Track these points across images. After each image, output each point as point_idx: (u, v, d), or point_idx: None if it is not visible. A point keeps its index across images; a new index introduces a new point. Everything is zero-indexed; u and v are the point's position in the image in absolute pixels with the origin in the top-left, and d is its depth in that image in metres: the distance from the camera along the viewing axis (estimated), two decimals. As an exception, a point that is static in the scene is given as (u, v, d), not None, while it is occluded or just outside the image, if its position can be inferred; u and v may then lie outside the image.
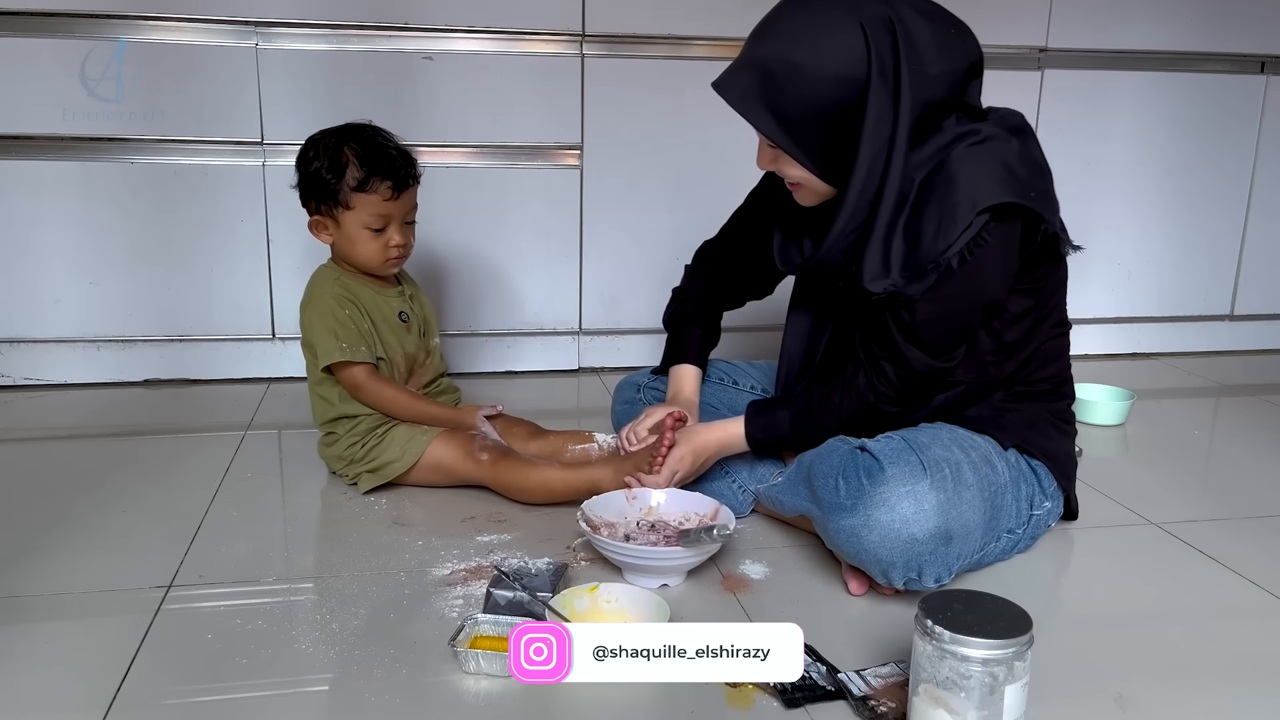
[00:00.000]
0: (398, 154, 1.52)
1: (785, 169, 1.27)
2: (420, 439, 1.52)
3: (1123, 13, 2.31)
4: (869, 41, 1.15)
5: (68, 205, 1.99)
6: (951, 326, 1.24)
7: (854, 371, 1.31)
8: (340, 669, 1.08)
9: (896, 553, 1.16)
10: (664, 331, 1.60)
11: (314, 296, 1.55)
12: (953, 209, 1.17)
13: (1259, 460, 1.80)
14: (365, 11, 2.00)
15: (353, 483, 1.55)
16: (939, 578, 1.19)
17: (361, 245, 1.53)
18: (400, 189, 1.51)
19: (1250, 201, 2.51)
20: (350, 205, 1.50)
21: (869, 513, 1.16)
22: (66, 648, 1.11)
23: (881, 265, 1.21)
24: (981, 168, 1.18)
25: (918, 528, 1.15)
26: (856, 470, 1.19)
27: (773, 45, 1.18)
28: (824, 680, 1.05)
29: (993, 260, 1.20)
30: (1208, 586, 1.32)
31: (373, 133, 1.53)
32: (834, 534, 1.21)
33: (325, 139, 1.52)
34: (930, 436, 1.23)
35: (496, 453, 1.51)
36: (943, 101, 1.20)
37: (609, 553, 1.27)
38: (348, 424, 1.54)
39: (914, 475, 1.16)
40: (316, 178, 1.50)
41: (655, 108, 2.14)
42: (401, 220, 1.54)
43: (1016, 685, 0.90)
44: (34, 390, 2.04)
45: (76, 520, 1.42)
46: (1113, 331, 2.51)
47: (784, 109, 1.19)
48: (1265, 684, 1.10)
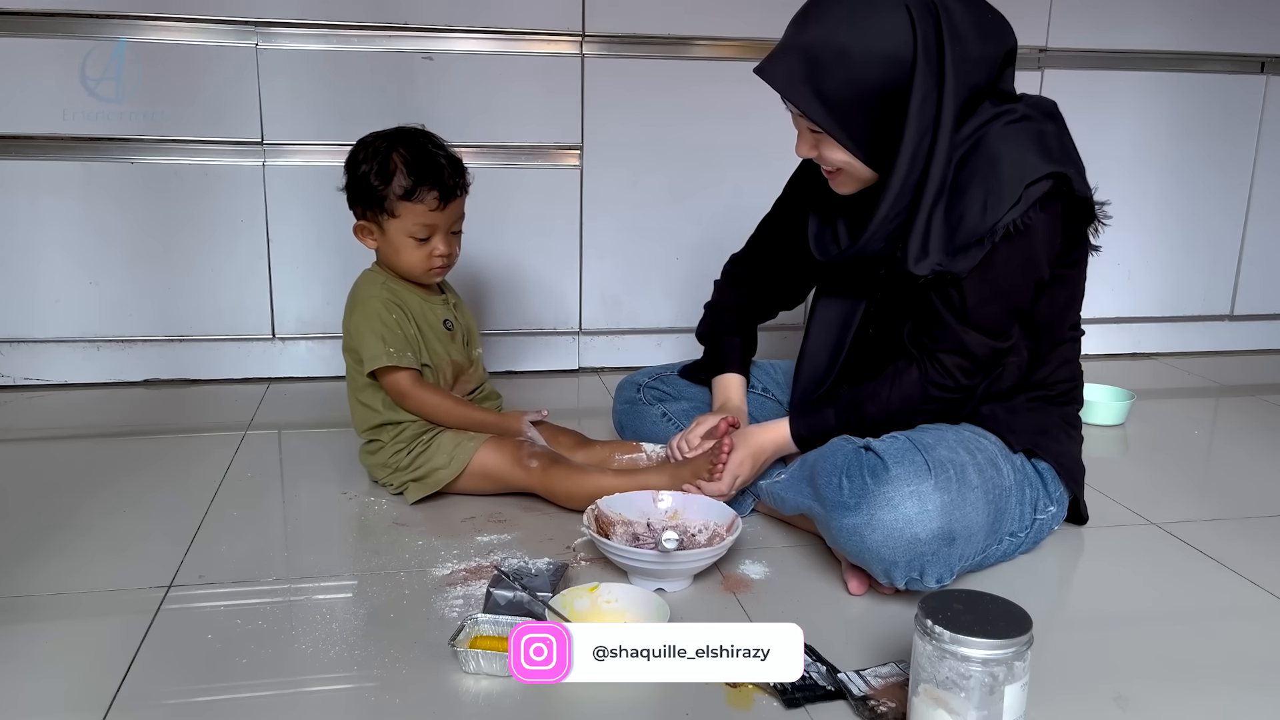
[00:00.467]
0: (447, 162, 1.48)
1: (828, 154, 1.26)
2: (468, 445, 1.49)
3: (1123, 13, 2.31)
4: (914, 23, 1.15)
5: (68, 205, 1.99)
6: (1005, 305, 1.24)
7: (904, 366, 1.30)
8: (340, 669, 1.07)
9: (899, 552, 1.16)
10: (665, 332, 1.60)
11: (360, 300, 1.52)
12: (999, 185, 1.17)
13: (1259, 460, 1.80)
14: (365, 11, 2.00)
15: (398, 492, 1.51)
16: (941, 578, 1.19)
17: (406, 253, 1.50)
18: (447, 200, 1.47)
19: (1250, 201, 2.51)
20: (396, 213, 1.47)
21: (872, 512, 1.16)
22: (66, 648, 1.11)
23: (922, 248, 1.22)
24: (1022, 143, 1.19)
25: (921, 528, 1.15)
26: (861, 469, 1.19)
27: (817, 29, 1.18)
28: (824, 680, 1.05)
29: (1040, 233, 1.21)
30: (1208, 586, 1.32)
31: (423, 139, 1.49)
32: (837, 532, 1.21)
33: (375, 142, 1.48)
34: (936, 438, 1.23)
35: (546, 459, 1.48)
36: (984, 86, 1.22)
37: (609, 552, 1.27)
38: (392, 431, 1.51)
39: (919, 475, 1.16)
40: (364, 182, 1.47)
41: (655, 108, 2.14)
42: (447, 230, 1.51)
43: (1016, 685, 0.90)
44: (34, 390, 2.04)
45: (76, 520, 1.42)
46: (1113, 331, 2.51)
47: (830, 92, 1.19)
48: (1265, 684, 1.10)
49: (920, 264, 1.22)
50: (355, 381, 1.53)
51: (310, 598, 1.23)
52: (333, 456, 1.74)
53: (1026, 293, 1.26)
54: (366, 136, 1.51)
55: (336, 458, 1.73)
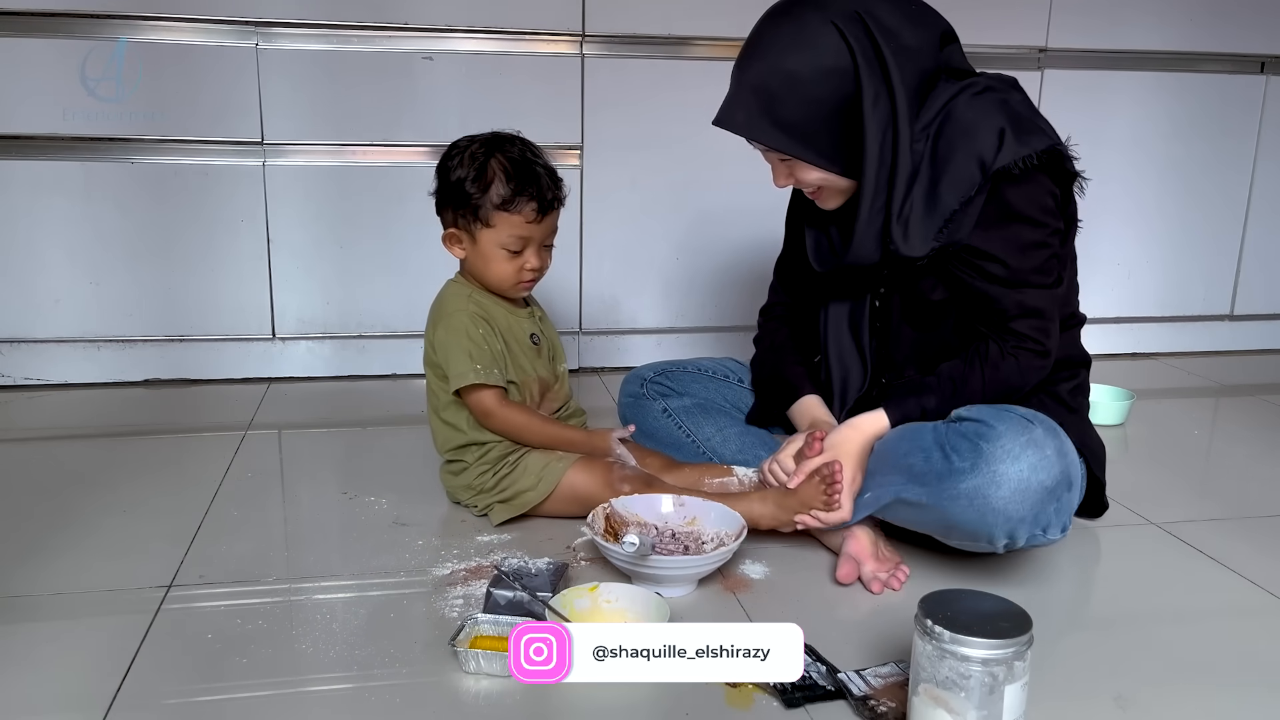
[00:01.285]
0: (545, 173, 1.42)
1: (804, 177, 1.29)
2: (556, 466, 1.42)
3: (1123, 13, 2.31)
4: (843, 32, 1.20)
5: (68, 205, 1.99)
6: (1043, 253, 1.26)
7: (984, 349, 1.29)
8: (340, 669, 1.07)
9: (1026, 506, 1.16)
10: (665, 332, 1.59)
11: (446, 314, 1.44)
12: (979, 143, 1.21)
13: (1259, 460, 1.80)
14: (365, 11, 2.00)
15: (483, 514, 1.45)
16: (1065, 526, 1.21)
17: (496, 265, 1.43)
18: (545, 212, 1.41)
19: (1250, 201, 2.51)
20: (490, 223, 1.40)
21: (993, 468, 1.15)
22: (66, 648, 1.11)
23: (906, 227, 1.25)
24: (990, 110, 1.23)
25: (1045, 474, 1.15)
26: (962, 436, 1.20)
27: (759, 65, 1.23)
28: (824, 680, 1.05)
29: (1042, 180, 1.23)
30: (1208, 586, 1.32)
31: (522, 147, 1.42)
32: (951, 502, 1.18)
33: (471, 147, 1.41)
34: (1006, 405, 1.24)
35: (639, 481, 1.41)
36: (932, 69, 1.26)
37: (604, 551, 1.27)
38: (476, 451, 1.45)
39: (1023, 427, 1.17)
40: (459, 188, 1.40)
41: (655, 108, 2.14)
42: (540, 243, 1.43)
43: (1016, 685, 0.90)
44: (34, 390, 2.04)
45: (77, 520, 1.42)
46: (1113, 331, 2.51)
47: (790, 118, 1.23)
48: (1265, 684, 1.10)
49: (909, 243, 1.24)
50: (438, 399, 1.47)
51: (310, 598, 1.23)
52: (333, 456, 1.75)
53: (1054, 238, 1.27)
54: (461, 140, 1.44)
55: (336, 458, 1.74)
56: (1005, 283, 1.26)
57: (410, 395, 2.06)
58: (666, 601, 1.14)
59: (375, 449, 1.77)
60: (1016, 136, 1.21)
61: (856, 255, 1.30)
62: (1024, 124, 1.22)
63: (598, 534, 1.28)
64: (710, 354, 1.72)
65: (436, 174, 1.44)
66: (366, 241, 2.11)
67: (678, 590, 1.25)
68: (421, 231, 2.12)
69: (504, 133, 1.44)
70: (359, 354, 2.17)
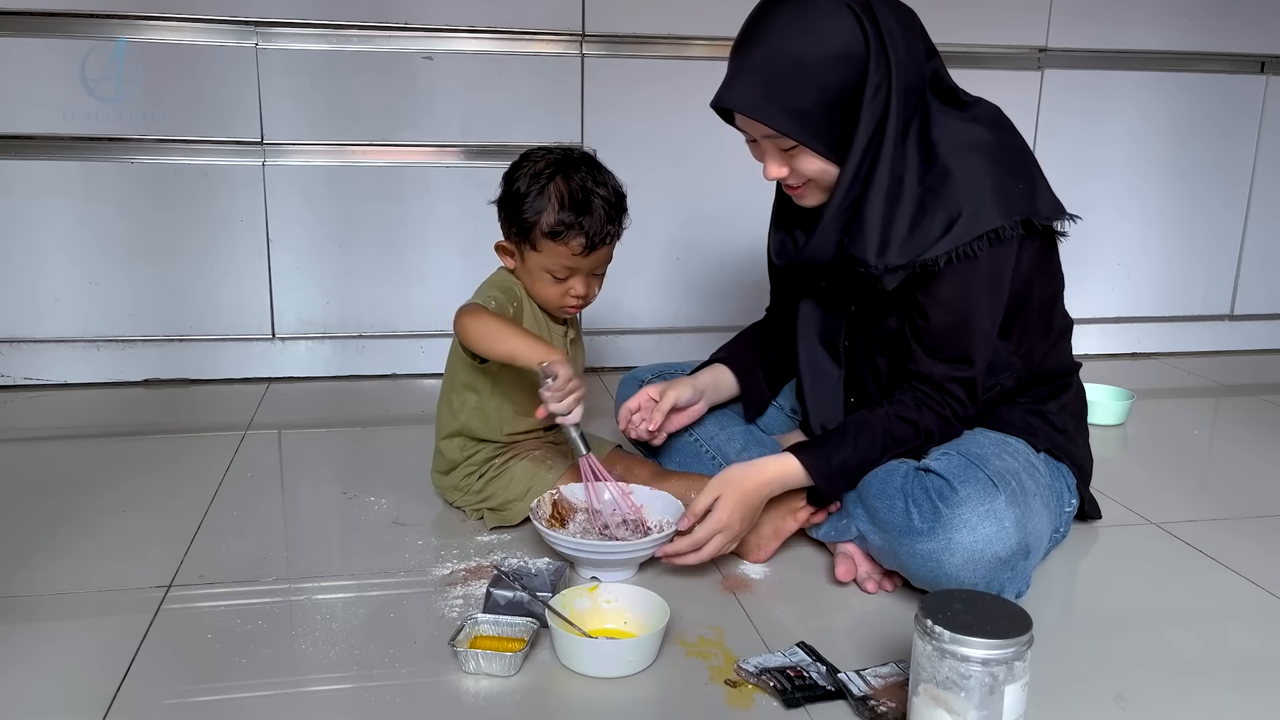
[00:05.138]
0: (604, 206, 1.37)
1: (802, 167, 1.23)
2: (545, 476, 1.40)
3: (1123, 13, 2.31)
4: (859, 18, 1.16)
5: (68, 205, 1.99)
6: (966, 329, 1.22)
7: (906, 399, 1.26)
8: (340, 669, 1.08)
9: (979, 574, 1.14)
10: (665, 332, 1.59)
11: (489, 282, 1.43)
12: (950, 205, 1.17)
13: (1259, 460, 1.80)
14: (365, 11, 2.00)
15: (478, 517, 1.45)
16: (1019, 592, 1.18)
17: (541, 287, 1.40)
18: (592, 249, 1.36)
19: (1250, 201, 2.51)
20: (538, 248, 1.36)
21: (949, 536, 1.14)
22: (66, 648, 1.11)
23: (882, 241, 1.20)
24: (976, 168, 1.18)
25: (1001, 546, 1.13)
26: (926, 493, 1.17)
27: (764, 47, 1.18)
28: (824, 680, 1.05)
29: (999, 256, 1.20)
30: (1208, 586, 1.32)
31: (588, 172, 1.38)
32: (908, 559, 1.18)
33: (538, 165, 1.38)
34: (981, 447, 1.22)
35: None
36: (920, 77, 1.22)
37: (551, 541, 1.28)
38: (462, 446, 1.45)
39: (988, 493, 1.15)
40: (517, 202, 1.37)
41: (655, 107, 2.14)
42: (588, 273, 1.40)
43: (1016, 685, 0.90)
44: (34, 390, 2.04)
45: (76, 520, 1.42)
46: (1113, 331, 2.51)
47: (794, 102, 1.18)
48: (1265, 684, 1.10)
49: (879, 258, 1.19)
50: (453, 378, 1.45)
51: (310, 598, 1.23)
52: (332, 456, 1.74)
53: (988, 310, 1.23)
54: (536, 151, 1.41)
55: (336, 458, 1.74)
56: (926, 349, 1.24)
57: (410, 395, 2.06)
58: (666, 602, 1.14)
59: (375, 449, 1.77)
60: (996, 203, 1.17)
61: (815, 248, 1.27)
62: (1002, 192, 1.18)
63: (542, 520, 1.29)
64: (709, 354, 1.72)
65: (502, 181, 1.42)
66: (366, 241, 2.11)
67: (618, 574, 1.27)
68: (422, 231, 2.13)
69: (575, 153, 1.41)
70: (359, 354, 2.17)
